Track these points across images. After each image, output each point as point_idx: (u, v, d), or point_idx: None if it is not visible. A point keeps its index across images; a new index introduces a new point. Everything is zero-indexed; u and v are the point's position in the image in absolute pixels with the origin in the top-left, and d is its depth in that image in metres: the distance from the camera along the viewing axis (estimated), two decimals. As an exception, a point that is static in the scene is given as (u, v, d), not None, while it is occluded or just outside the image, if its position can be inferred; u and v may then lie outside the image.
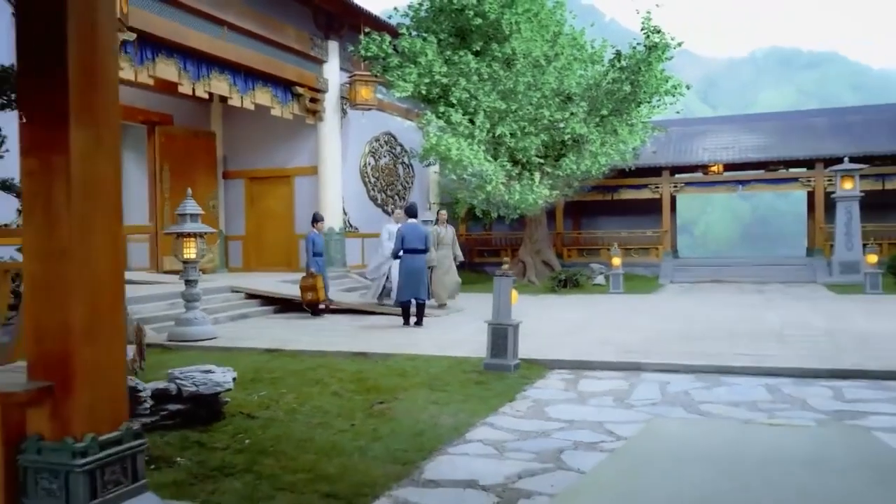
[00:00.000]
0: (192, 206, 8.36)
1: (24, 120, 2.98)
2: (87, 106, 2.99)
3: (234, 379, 5.06)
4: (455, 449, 4.49)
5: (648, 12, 16.39)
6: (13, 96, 4.99)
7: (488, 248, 22.16)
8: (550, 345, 8.12)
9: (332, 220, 15.01)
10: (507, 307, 7.00)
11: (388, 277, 11.71)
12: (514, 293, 7.27)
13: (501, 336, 6.90)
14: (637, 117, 17.83)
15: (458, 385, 6.17)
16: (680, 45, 16.69)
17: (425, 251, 10.26)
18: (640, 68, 16.57)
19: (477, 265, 20.77)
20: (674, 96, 17.72)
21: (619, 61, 16.88)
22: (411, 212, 10.49)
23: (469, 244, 21.56)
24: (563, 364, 7.22)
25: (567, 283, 16.13)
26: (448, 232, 12.78)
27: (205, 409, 4.89)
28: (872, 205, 18.60)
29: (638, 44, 16.61)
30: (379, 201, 17.40)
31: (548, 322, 10.27)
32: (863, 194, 17.41)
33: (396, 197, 18.10)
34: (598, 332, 9.33)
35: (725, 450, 4.49)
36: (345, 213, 15.65)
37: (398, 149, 18.36)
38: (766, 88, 76.78)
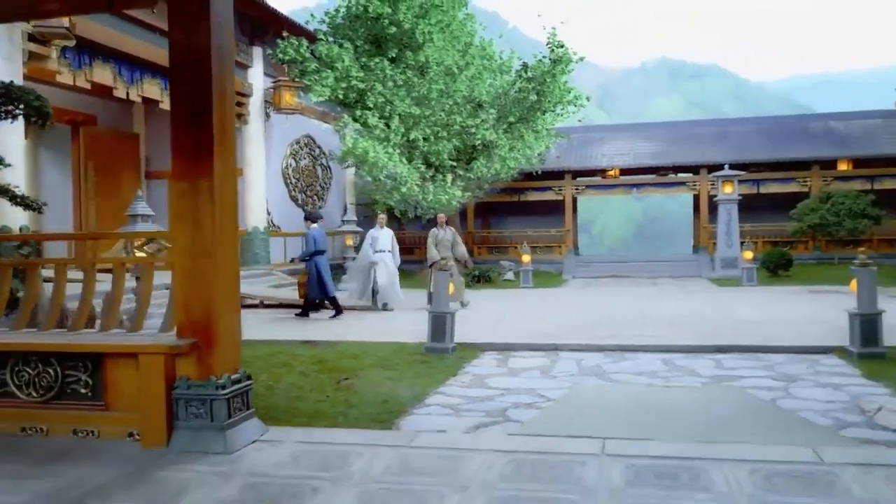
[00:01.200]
0: (142, 207, 8.83)
1: (174, 154, 4.24)
2: (221, 143, 4.22)
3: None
4: (419, 411, 5.44)
5: (553, 28, 17.78)
6: (11, 108, 5.50)
7: (402, 246, 22.99)
8: (478, 331, 9.16)
9: (257, 220, 15.52)
10: (445, 297, 8.00)
11: (374, 280, 12.10)
12: (451, 285, 8.27)
13: (441, 322, 7.89)
14: (542, 124, 19.23)
15: (406, 365, 7.10)
16: (582, 59, 18.20)
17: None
18: (545, 79, 17.94)
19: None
20: (575, 106, 19.25)
21: (525, 72, 18.17)
22: (315, 217, 11.77)
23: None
24: (494, 346, 8.28)
25: (480, 279, 17.33)
26: (447, 233, 12.91)
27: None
28: (749, 207, 20.87)
29: (543, 56, 17.96)
30: (299, 201, 17.99)
31: (470, 313, 11.32)
32: (741, 197, 19.56)
33: (316, 197, 18.74)
34: (518, 321, 10.47)
35: (635, 402, 5.67)
36: (268, 213, 16.19)
37: (317, 151, 18.99)
38: (656, 96, 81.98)
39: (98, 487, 3.66)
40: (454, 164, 18.75)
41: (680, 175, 23.21)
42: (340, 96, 16.87)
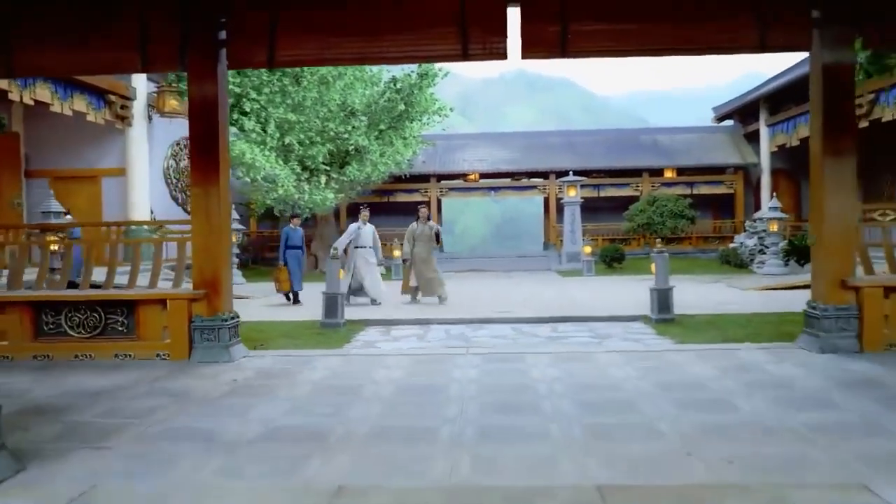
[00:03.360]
0: (55, 205, 9.68)
1: (193, 168, 5.80)
2: (223, 162, 5.97)
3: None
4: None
5: (420, 45, 19.60)
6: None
7: (277, 244, 24.19)
8: (360, 312, 10.77)
9: (141, 219, 16.16)
10: (337, 281, 9.56)
11: (353, 276, 12.44)
12: (341, 271, 9.84)
13: (333, 302, 9.43)
14: (410, 132, 21.04)
15: (307, 335, 8.59)
16: (447, 74, 20.21)
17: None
18: (412, 91, 19.78)
19: (267, 260, 22.77)
20: (440, 116, 21.24)
21: (394, 84, 19.91)
22: (292, 216, 13.57)
23: (260, 241, 23.55)
24: (377, 322, 9.93)
25: (355, 274, 18.83)
26: (426, 229, 13.01)
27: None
28: (591, 208, 23.80)
29: (411, 71, 19.78)
30: (180, 201, 18.68)
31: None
32: (583, 200, 22.35)
33: (194, 197, 19.49)
34: (390, 306, 12.17)
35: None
36: (151, 212, 16.86)
37: (195, 152, 19.74)
38: (514, 106, 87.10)
39: (158, 377, 5.53)
40: (328, 167, 20.14)
41: (532, 180, 25.86)
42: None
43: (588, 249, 19.59)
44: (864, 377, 5.00)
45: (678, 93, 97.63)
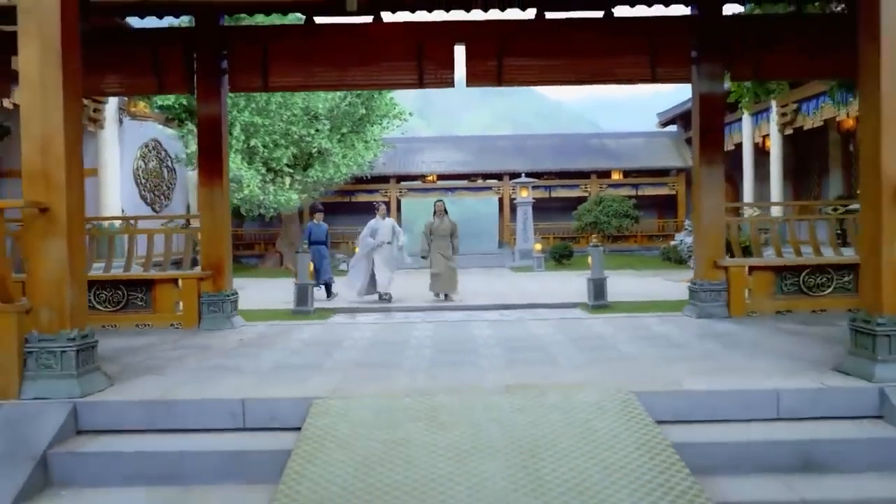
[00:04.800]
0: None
1: (201, 171, 7.33)
2: (224, 165, 7.70)
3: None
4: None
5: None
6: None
7: (242, 243, 25.64)
8: (328, 303, 12.37)
9: (114, 218, 17.45)
10: (307, 273, 11.16)
11: (372, 273, 12.92)
12: (311, 264, 11.45)
13: (304, 291, 11.04)
14: (371, 135, 22.65)
15: (282, 318, 10.17)
16: (404, 82, 21.82)
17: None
18: (373, 96, 21.38)
19: (235, 258, 24.10)
20: (399, 119, 22.89)
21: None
22: (314, 210, 14.37)
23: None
24: (343, 310, 11.61)
25: (319, 270, 20.37)
26: (444, 223, 13.18)
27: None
28: (543, 208, 25.73)
29: (372, 78, 21.34)
30: (148, 200, 19.97)
31: (319, 291, 14.47)
32: (535, 200, 24.23)
33: (163, 197, 20.77)
34: (356, 297, 13.79)
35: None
36: (122, 211, 18.13)
37: (163, 154, 21.00)
38: (471, 110, 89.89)
39: (178, 339, 7.08)
40: (292, 168, 21.61)
41: (487, 181, 27.72)
42: (184, 103, 19.14)
43: (538, 246, 21.47)
44: (721, 332, 6.82)
45: (628, 99, 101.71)
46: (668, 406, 4.46)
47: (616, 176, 27.47)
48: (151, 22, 7.83)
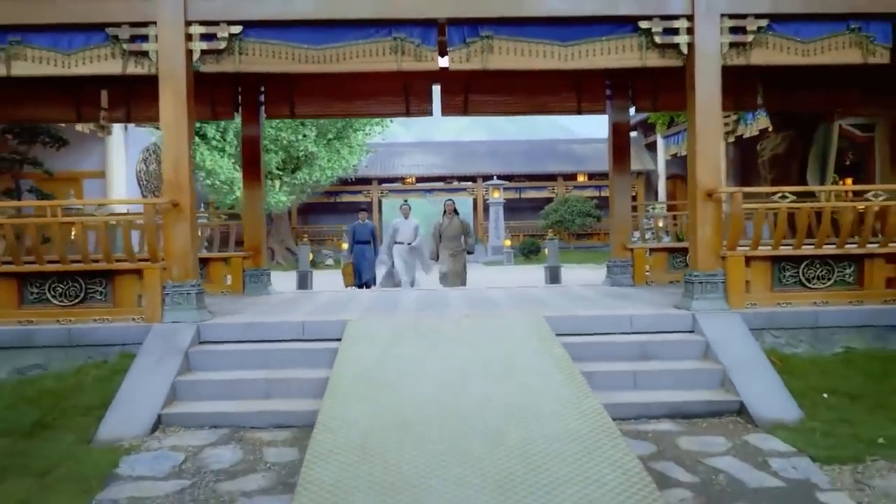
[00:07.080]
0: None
1: (245, 176, 10.33)
2: (261, 170, 15.56)
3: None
4: (319, 303, 11.68)
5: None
6: None
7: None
8: (323, 288, 15.38)
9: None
10: (307, 261, 14.20)
11: (390, 272, 13.65)
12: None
13: (304, 277, 14.07)
14: (355, 140, 25.69)
15: (297, 293, 13.19)
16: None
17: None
18: (358, 106, 24.38)
19: (226, 255, 27.00)
20: (381, 126, 25.93)
21: (342, 100, 24.47)
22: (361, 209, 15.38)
23: (224, 235, 27.94)
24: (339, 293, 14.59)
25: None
26: (454, 223, 13.40)
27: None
28: (514, 208, 28.92)
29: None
30: (153, 201, 22.81)
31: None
32: (505, 201, 27.40)
33: (166, 197, 23.61)
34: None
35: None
36: (127, 211, 20.95)
37: (165, 158, 23.85)
38: (448, 117, 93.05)
39: (233, 300, 9.63)
40: (281, 172, 24.58)
41: (462, 183, 30.88)
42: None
43: (508, 242, 24.64)
44: (621, 293, 9.98)
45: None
46: (565, 325, 7.60)
47: (581, 178, 30.74)
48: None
